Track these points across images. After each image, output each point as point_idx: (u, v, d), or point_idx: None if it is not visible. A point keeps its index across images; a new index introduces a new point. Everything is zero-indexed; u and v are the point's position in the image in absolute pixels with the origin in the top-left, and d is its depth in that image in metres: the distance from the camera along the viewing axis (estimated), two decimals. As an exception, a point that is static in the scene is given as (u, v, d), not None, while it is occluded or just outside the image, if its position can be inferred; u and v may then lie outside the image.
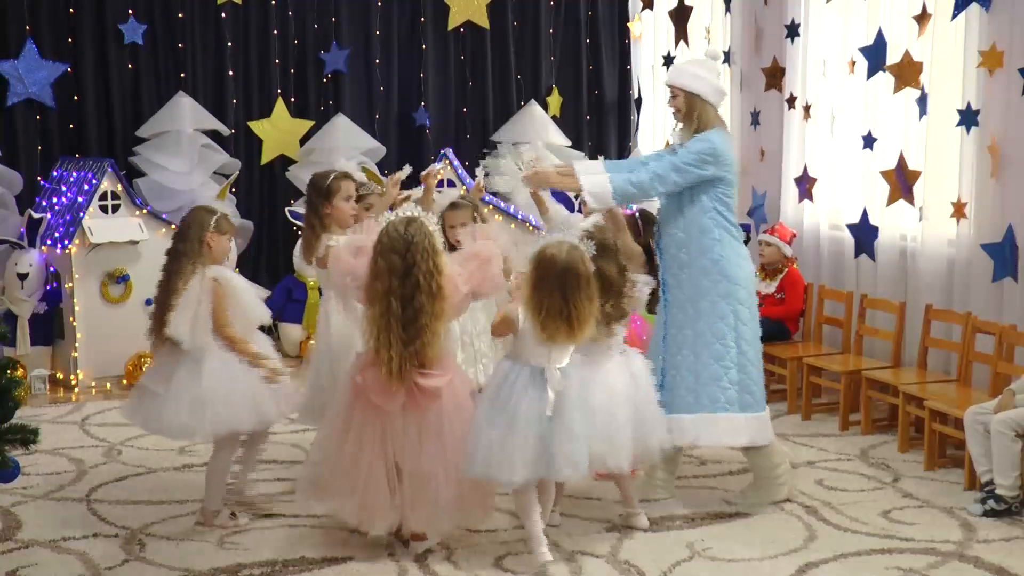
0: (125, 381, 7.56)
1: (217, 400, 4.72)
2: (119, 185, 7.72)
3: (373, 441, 4.42)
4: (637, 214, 6.41)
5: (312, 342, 6.57)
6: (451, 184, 8.53)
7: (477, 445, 4.33)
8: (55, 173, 8.16)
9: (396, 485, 4.46)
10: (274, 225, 9.26)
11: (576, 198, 8.98)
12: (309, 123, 9.33)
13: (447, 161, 8.39)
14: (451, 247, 5.23)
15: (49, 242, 7.71)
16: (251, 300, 4.93)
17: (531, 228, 8.45)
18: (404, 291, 4.24)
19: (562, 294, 4.27)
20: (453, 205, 5.57)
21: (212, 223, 4.85)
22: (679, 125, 5.27)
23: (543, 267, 4.31)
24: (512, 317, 4.41)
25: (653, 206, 5.62)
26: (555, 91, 10.11)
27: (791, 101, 7.86)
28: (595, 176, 5.10)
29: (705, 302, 5.08)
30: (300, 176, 9.11)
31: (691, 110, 5.17)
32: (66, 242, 7.52)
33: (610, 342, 4.69)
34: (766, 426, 5.21)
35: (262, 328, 5.04)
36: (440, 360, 4.37)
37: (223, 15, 9.06)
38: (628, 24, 10.29)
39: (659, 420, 4.80)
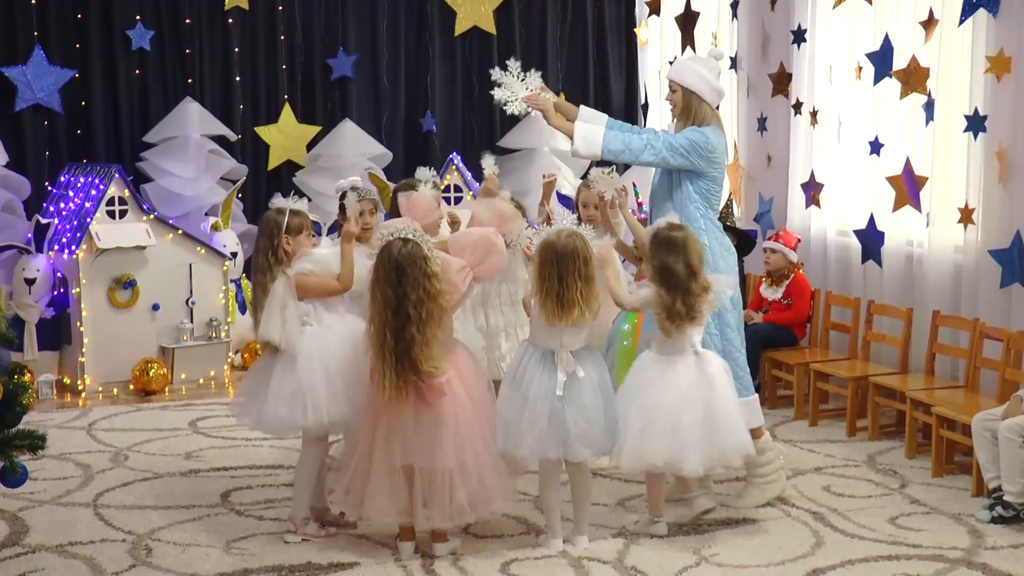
0: (132, 386, 7.57)
1: (316, 389, 4.71)
2: (126, 190, 7.73)
3: (380, 441, 4.56)
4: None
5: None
6: (458, 189, 8.55)
7: (499, 421, 4.64)
8: (63, 179, 8.18)
9: (403, 485, 4.56)
10: (281, 230, 9.25)
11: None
12: (316, 129, 9.35)
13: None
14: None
15: (57, 247, 7.72)
16: (332, 265, 4.87)
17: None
18: (396, 322, 4.42)
19: (559, 276, 4.51)
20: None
21: (282, 227, 4.80)
22: (675, 120, 5.33)
23: (544, 253, 4.57)
24: (527, 301, 4.79)
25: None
26: (562, 96, 10.10)
27: (798, 107, 7.86)
28: (592, 125, 5.18)
29: None
30: (307, 182, 9.14)
31: (688, 106, 5.24)
32: (73, 247, 7.53)
33: (682, 341, 4.72)
34: (756, 411, 5.26)
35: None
36: (439, 364, 4.47)
37: (230, 21, 9.09)
38: (635, 30, 10.30)
39: (736, 425, 4.75)
